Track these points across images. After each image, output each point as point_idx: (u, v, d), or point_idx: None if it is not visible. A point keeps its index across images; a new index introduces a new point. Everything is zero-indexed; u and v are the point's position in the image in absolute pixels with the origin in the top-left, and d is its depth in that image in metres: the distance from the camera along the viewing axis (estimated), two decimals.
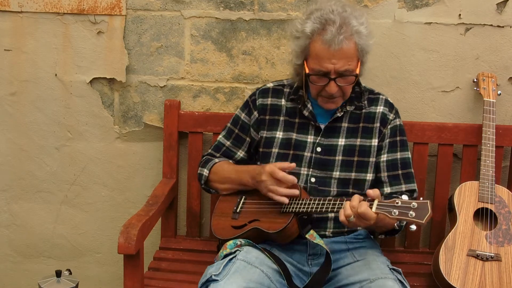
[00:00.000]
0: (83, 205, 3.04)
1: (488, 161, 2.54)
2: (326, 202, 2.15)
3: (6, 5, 2.82)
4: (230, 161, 2.49)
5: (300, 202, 2.20)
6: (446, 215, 2.66)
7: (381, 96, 2.41)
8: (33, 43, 2.86)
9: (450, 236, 2.46)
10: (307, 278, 2.25)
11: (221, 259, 2.20)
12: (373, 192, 2.02)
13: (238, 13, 2.76)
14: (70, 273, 2.68)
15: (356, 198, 2.04)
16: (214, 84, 2.84)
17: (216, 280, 2.06)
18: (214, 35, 2.79)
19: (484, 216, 2.50)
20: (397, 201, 1.97)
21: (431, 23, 2.70)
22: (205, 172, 2.46)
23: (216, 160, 2.48)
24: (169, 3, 2.77)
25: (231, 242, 2.26)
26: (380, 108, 2.38)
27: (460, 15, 2.68)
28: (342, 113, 2.34)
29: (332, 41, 2.15)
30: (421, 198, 2.00)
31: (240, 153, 2.49)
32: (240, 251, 2.20)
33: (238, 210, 2.35)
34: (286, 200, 2.21)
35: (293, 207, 2.20)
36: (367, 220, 2.00)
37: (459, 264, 2.40)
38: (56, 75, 2.89)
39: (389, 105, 2.40)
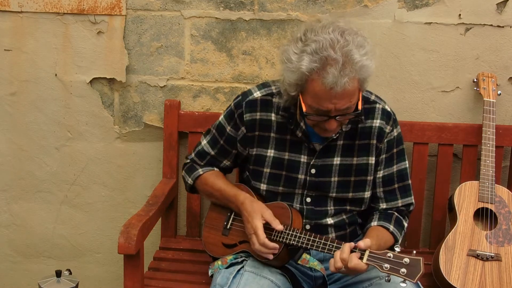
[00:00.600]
0: (83, 205, 3.04)
1: (488, 161, 2.54)
2: (317, 240, 2.08)
3: (6, 5, 2.82)
4: (216, 169, 2.38)
5: (291, 233, 2.12)
6: (446, 215, 2.66)
7: (377, 106, 2.23)
8: (33, 43, 2.86)
9: (450, 236, 2.46)
10: (312, 282, 2.24)
11: (226, 268, 2.18)
12: (364, 244, 1.96)
13: (238, 13, 2.76)
14: (70, 273, 2.67)
15: (347, 249, 1.97)
16: (214, 84, 2.84)
17: None
18: (214, 35, 2.79)
19: (484, 216, 2.50)
20: (389, 254, 1.91)
21: (431, 23, 2.70)
22: (189, 181, 2.38)
23: (200, 171, 2.36)
24: (169, 3, 2.77)
25: (231, 256, 2.23)
26: (376, 122, 2.21)
27: (460, 15, 2.68)
28: (337, 135, 2.19)
29: (335, 84, 1.93)
30: (414, 252, 1.92)
31: (226, 163, 2.37)
32: (247, 260, 2.17)
33: (228, 227, 2.29)
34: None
35: (283, 237, 2.12)
36: (358, 272, 1.96)
37: (459, 264, 2.40)
38: (56, 75, 2.89)
39: (386, 116, 2.23)
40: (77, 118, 2.93)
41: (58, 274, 2.62)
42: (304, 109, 2.05)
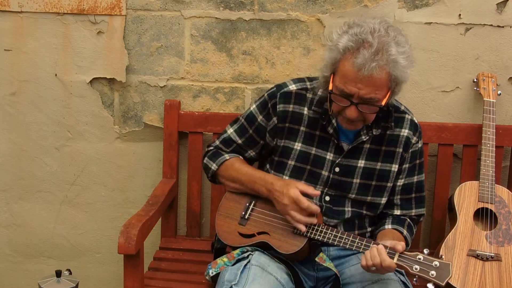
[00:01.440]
0: (83, 205, 3.04)
1: (488, 161, 2.54)
2: (345, 237, 2.09)
3: (6, 5, 2.83)
4: (241, 157, 2.36)
5: (317, 228, 2.12)
6: (446, 215, 2.66)
7: (406, 116, 2.28)
8: (33, 43, 2.86)
9: (450, 236, 2.46)
10: (312, 283, 2.24)
11: (232, 265, 2.17)
12: (401, 247, 1.98)
13: (238, 13, 2.76)
14: (70, 273, 2.67)
15: (382, 251, 1.98)
16: (214, 84, 2.84)
17: None
18: (214, 35, 2.79)
19: (484, 216, 2.50)
20: (419, 256, 1.95)
21: (431, 23, 2.70)
22: (214, 166, 2.34)
23: (227, 156, 2.34)
24: (169, 3, 2.77)
25: (238, 250, 2.23)
26: (405, 132, 2.26)
27: (460, 15, 2.68)
28: (367, 137, 2.21)
29: (363, 66, 1.98)
30: (442, 256, 1.96)
31: (251, 153, 2.36)
32: (252, 255, 2.17)
33: (246, 216, 2.26)
34: (303, 228, 2.11)
35: (309, 231, 2.13)
36: (388, 272, 2.00)
37: (459, 264, 2.40)
38: (56, 75, 2.89)
39: (414, 127, 2.28)
40: (77, 118, 2.93)
41: (58, 274, 2.62)
42: (330, 87, 2.09)
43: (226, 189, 2.38)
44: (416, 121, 2.31)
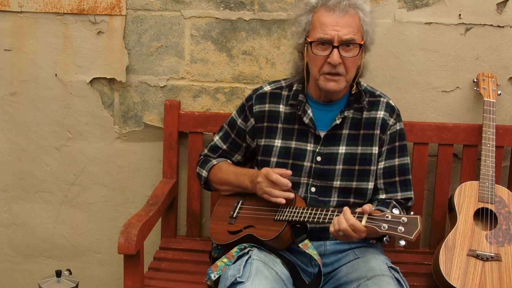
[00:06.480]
0: (83, 205, 3.04)
1: (488, 161, 2.54)
2: (319, 212, 2.12)
3: (6, 5, 2.83)
4: (228, 161, 2.47)
5: (294, 210, 2.17)
6: (446, 215, 2.66)
7: (382, 99, 2.34)
8: (33, 43, 2.86)
9: (450, 236, 2.46)
10: (310, 279, 2.25)
11: (233, 263, 2.18)
12: (369, 208, 2.00)
13: (238, 13, 2.76)
14: (70, 273, 2.68)
15: (347, 211, 2.02)
16: (214, 84, 2.84)
17: (242, 282, 2.05)
18: (214, 35, 2.79)
19: (484, 216, 2.50)
20: (387, 215, 1.95)
21: (431, 23, 2.70)
22: (204, 173, 2.45)
23: (214, 162, 2.45)
24: (169, 3, 2.77)
25: (236, 248, 2.24)
26: (380, 113, 2.31)
27: (460, 15, 2.68)
28: (341, 120, 2.27)
29: (337, 7, 2.14)
30: (411, 213, 1.96)
31: (237, 157, 2.47)
32: (252, 250, 2.19)
33: (234, 215, 2.33)
34: (282, 201, 2.17)
35: (286, 215, 2.17)
36: (357, 234, 1.99)
37: (459, 264, 2.40)
38: (56, 75, 2.89)
39: (390, 109, 2.33)
40: (77, 118, 2.93)
41: (58, 274, 2.62)
42: (310, 39, 2.18)
43: (219, 194, 2.46)
44: (392, 104, 2.35)
